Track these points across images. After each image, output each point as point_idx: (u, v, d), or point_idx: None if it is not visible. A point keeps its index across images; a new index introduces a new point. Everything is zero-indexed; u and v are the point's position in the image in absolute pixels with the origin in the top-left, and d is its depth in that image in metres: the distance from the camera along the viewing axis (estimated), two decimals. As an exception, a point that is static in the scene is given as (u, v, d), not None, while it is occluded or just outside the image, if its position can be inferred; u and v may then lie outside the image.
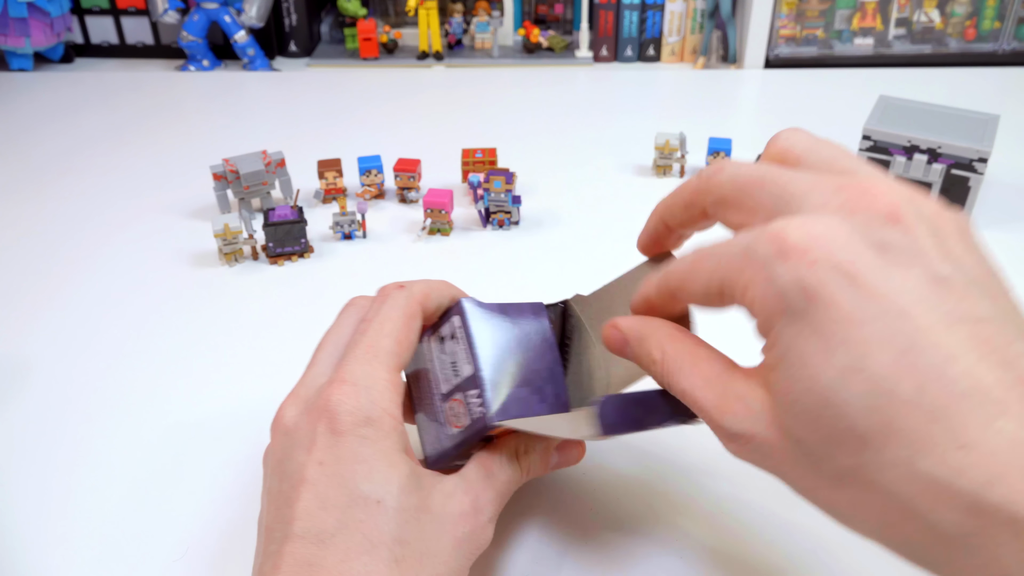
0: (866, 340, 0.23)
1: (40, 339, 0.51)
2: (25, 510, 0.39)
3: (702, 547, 0.37)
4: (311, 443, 0.30)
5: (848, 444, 0.23)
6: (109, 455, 0.42)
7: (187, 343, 0.51)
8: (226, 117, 0.83)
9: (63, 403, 0.46)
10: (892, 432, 0.22)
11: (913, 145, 0.61)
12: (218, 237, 0.57)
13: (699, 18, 0.95)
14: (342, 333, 0.34)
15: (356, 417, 0.30)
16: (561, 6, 1.01)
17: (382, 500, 0.29)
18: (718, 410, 0.27)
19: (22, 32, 0.89)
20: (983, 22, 0.91)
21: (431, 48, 0.96)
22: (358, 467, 0.29)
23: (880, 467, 0.23)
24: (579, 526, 0.38)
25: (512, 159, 0.71)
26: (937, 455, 0.22)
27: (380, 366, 0.31)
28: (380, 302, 0.34)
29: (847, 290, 0.23)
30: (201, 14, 0.91)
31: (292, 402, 0.32)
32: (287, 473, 0.30)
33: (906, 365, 0.22)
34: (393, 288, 0.34)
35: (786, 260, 0.24)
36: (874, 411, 0.22)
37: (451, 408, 0.33)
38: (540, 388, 0.33)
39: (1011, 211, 0.64)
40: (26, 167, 0.73)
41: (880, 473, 0.23)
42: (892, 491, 0.23)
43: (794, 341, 0.24)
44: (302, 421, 0.31)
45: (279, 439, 0.31)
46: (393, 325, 0.32)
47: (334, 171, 0.65)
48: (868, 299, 0.23)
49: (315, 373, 0.33)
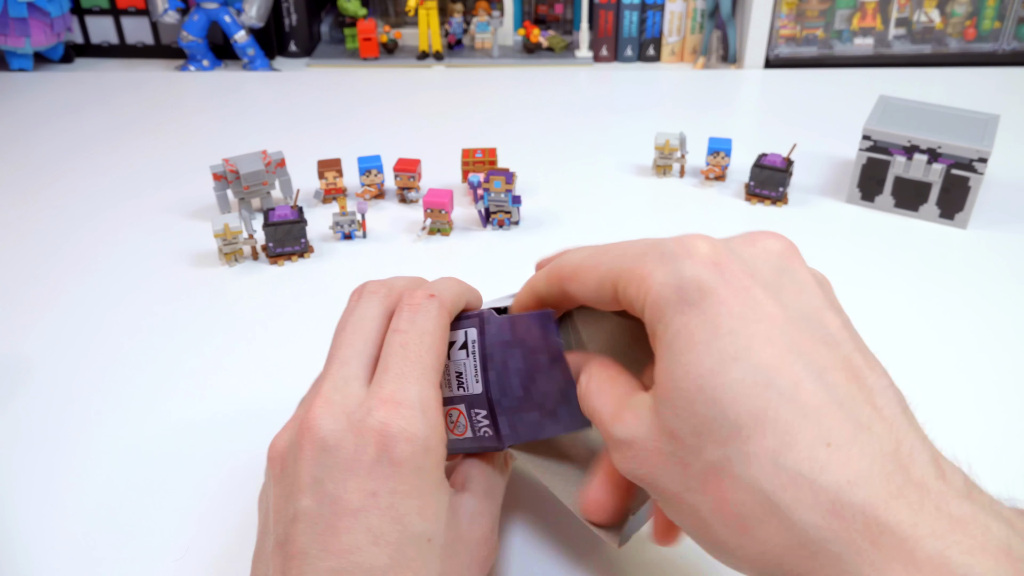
0: (752, 334, 0.24)
1: (40, 339, 0.51)
2: (25, 510, 0.39)
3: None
4: (360, 468, 0.27)
5: (719, 432, 0.24)
6: (109, 455, 0.42)
7: (187, 343, 0.51)
8: (226, 117, 0.83)
9: (63, 403, 0.46)
10: (763, 422, 0.23)
11: (913, 145, 0.61)
12: (218, 237, 0.57)
13: (699, 18, 0.95)
14: (366, 328, 0.31)
15: (416, 446, 0.28)
16: (561, 6, 1.01)
17: (432, 538, 0.28)
18: (611, 419, 0.28)
19: (22, 32, 0.89)
20: (983, 22, 0.91)
21: (431, 48, 0.96)
22: (412, 502, 0.28)
23: (747, 458, 0.23)
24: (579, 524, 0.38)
25: (512, 159, 0.71)
26: (803, 450, 0.22)
27: (430, 384, 0.30)
28: (412, 311, 0.31)
29: (742, 293, 0.25)
30: (201, 14, 0.91)
31: (328, 411, 0.29)
32: (328, 496, 0.27)
33: (786, 362, 0.23)
34: (423, 296, 0.32)
35: (691, 259, 0.25)
36: (748, 398, 0.23)
37: (450, 415, 0.33)
38: (553, 410, 0.31)
39: (1011, 211, 0.64)
40: (26, 167, 0.73)
41: (746, 465, 0.23)
42: (756, 485, 0.23)
43: (683, 329, 0.25)
44: (348, 440, 0.28)
45: (312, 452, 0.28)
46: (432, 339, 0.31)
47: (334, 171, 0.65)
48: (759, 303, 0.24)
49: (346, 376, 0.30)
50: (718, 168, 0.68)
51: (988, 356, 0.49)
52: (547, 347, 0.31)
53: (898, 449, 0.23)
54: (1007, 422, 0.44)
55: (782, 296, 0.25)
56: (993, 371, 0.48)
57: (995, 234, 0.61)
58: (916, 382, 0.47)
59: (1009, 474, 0.40)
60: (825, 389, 0.23)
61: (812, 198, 0.67)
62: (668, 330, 0.25)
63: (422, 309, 0.31)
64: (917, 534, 0.21)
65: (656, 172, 0.70)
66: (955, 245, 0.60)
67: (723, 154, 0.68)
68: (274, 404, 0.33)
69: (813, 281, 0.27)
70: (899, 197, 0.64)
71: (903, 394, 0.25)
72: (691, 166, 0.71)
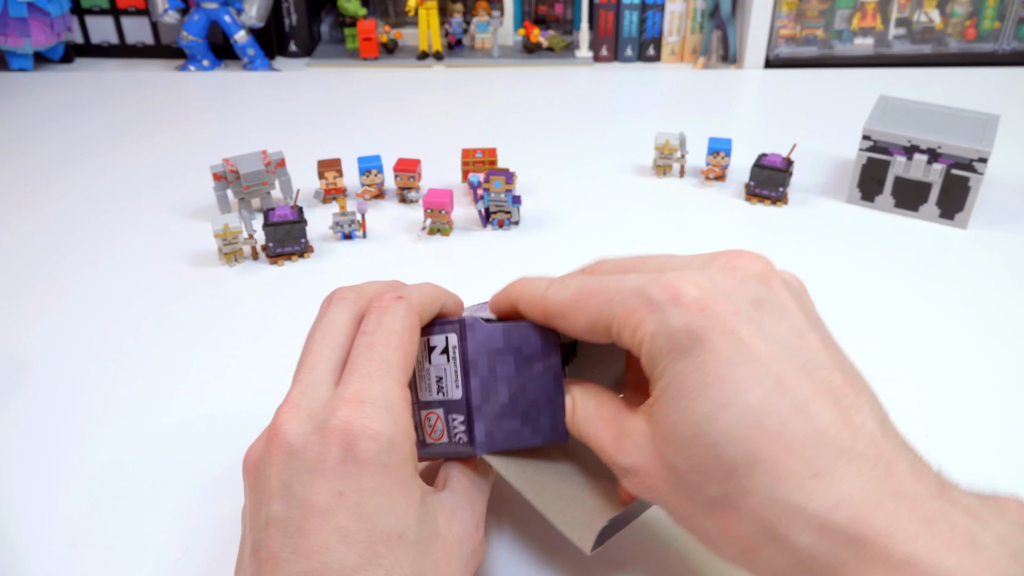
0: (740, 379, 0.26)
1: (40, 339, 0.51)
2: (25, 509, 0.39)
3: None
4: (326, 469, 0.28)
5: (717, 472, 0.26)
6: (109, 455, 0.42)
7: (187, 343, 0.51)
8: (226, 117, 0.83)
9: (63, 403, 0.46)
10: (756, 462, 0.25)
11: (913, 145, 0.61)
12: (218, 237, 0.57)
13: (699, 18, 0.95)
14: (335, 333, 0.32)
15: (380, 444, 0.28)
16: (561, 6, 1.01)
17: (403, 535, 0.28)
18: (613, 448, 0.29)
19: (22, 32, 0.89)
20: (983, 22, 0.91)
21: (431, 48, 0.96)
22: (380, 499, 0.28)
23: (744, 494, 0.26)
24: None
25: (512, 159, 0.71)
26: (793, 482, 0.25)
27: (395, 384, 0.29)
28: (380, 313, 0.31)
29: (728, 336, 0.26)
30: (201, 14, 0.91)
31: (294, 415, 0.29)
32: (296, 499, 0.28)
33: (772, 402, 0.25)
34: (391, 299, 0.32)
35: (678, 306, 0.27)
36: (741, 441, 0.25)
37: (428, 419, 0.32)
38: (535, 419, 0.31)
39: (1011, 211, 0.64)
40: (26, 167, 0.73)
41: (744, 500, 0.26)
42: (755, 516, 0.26)
43: (676, 377, 0.27)
44: (313, 442, 0.28)
45: (280, 458, 0.28)
46: (399, 339, 0.31)
47: (334, 171, 0.65)
48: (745, 345, 0.26)
49: (314, 380, 0.30)
50: (718, 168, 0.68)
51: (988, 356, 0.49)
52: (545, 355, 0.32)
53: (876, 463, 0.25)
54: (1007, 422, 0.44)
55: (765, 328, 0.27)
56: (993, 371, 0.48)
57: (995, 234, 0.61)
58: (916, 382, 0.47)
59: (1009, 473, 0.40)
60: (808, 421, 0.25)
61: (812, 198, 0.67)
62: (663, 377, 0.27)
63: (389, 311, 0.31)
64: (893, 540, 0.24)
65: (656, 172, 0.70)
66: (955, 245, 0.60)
67: (723, 154, 0.68)
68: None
69: (792, 302, 0.28)
70: (899, 197, 0.64)
71: (880, 404, 0.28)
72: (691, 166, 0.71)
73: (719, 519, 0.27)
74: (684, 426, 0.26)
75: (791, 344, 0.27)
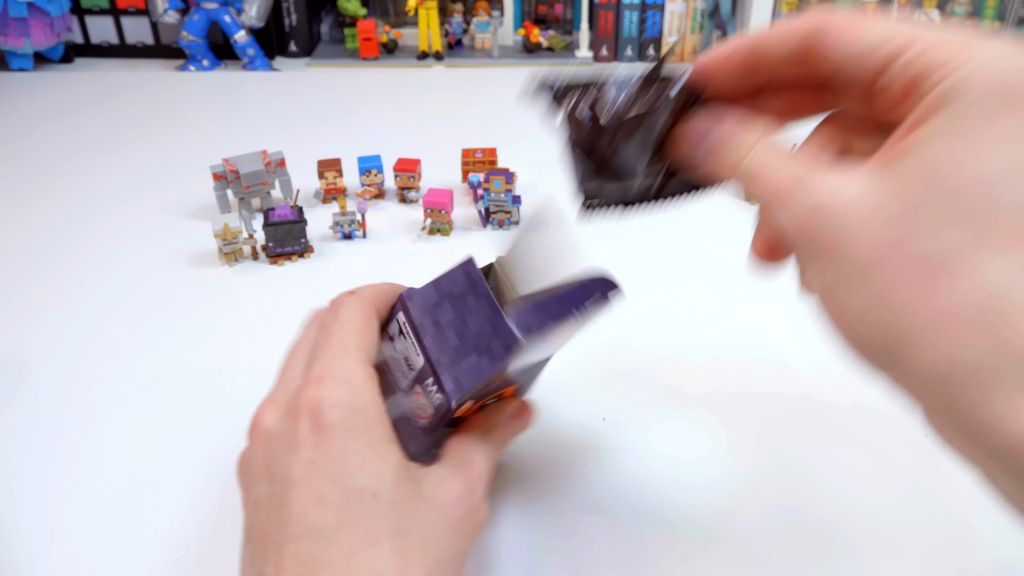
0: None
1: (40, 339, 0.51)
2: (25, 509, 0.39)
3: (701, 546, 0.37)
4: (297, 442, 0.29)
5: (974, 218, 0.21)
6: (109, 454, 0.42)
7: (187, 343, 0.51)
8: (226, 117, 0.83)
9: (63, 403, 0.46)
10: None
11: (913, 145, 0.61)
12: (218, 237, 0.57)
13: (699, 18, 0.95)
14: (307, 343, 0.34)
15: (341, 410, 0.30)
16: (561, 6, 1.01)
17: (378, 493, 0.29)
18: (809, 173, 0.24)
19: (22, 32, 0.89)
20: (983, 22, 0.91)
21: (431, 48, 0.96)
22: (349, 460, 0.29)
23: (990, 258, 0.20)
24: (579, 521, 0.38)
25: (512, 159, 0.71)
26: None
27: (353, 359, 0.31)
28: (335, 309, 0.34)
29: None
30: (201, 14, 0.91)
31: (269, 407, 0.32)
32: (276, 476, 0.29)
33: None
34: (345, 296, 0.35)
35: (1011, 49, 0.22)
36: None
37: (414, 401, 0.33)
38: (488, 347, 0.32)
39: (1011, 211, 0.64)
40: (26, 167, 0.73)
41: (984, 264, 0.21)
42: (986, 287, 0.20)
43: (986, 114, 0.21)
44: (285, 423, 0.30)
45: (260, 444, 0.31)
46: (354, 325, 0.33)
47: (334, 171, 0.65)
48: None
49: (288, 378, 0.33)
50: (718, 168, 0.68)
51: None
52: (472, 287, 0.33)
53: None
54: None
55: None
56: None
57: (995, 234, 0.61)
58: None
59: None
60: None
61: (812, 198, 0.66)
62: (969, 108, 0.21)
63: (343, 305, 0.34)
64: None
65: (656, 172, 0.70)
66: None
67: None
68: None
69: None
70: (899, 197, 0.63)
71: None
72: (691, 166, 0.71)
73: (925, 276, 0.21)
74: (965, 158, 0.21)
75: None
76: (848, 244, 0.23)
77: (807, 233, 0.24)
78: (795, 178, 0.24)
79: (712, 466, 0.41)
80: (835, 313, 0.24)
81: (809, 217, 0.24)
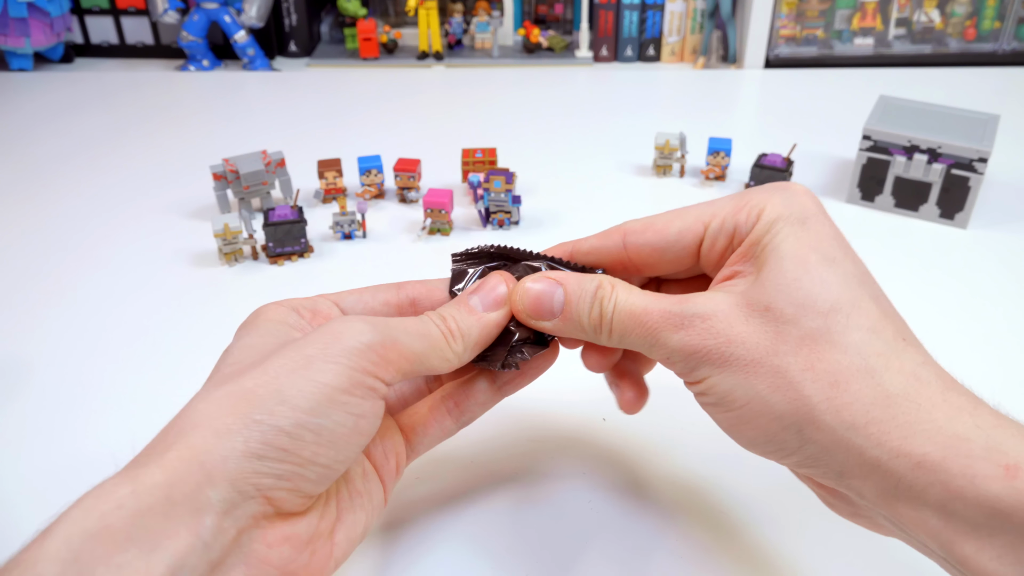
0: (844, 249, 0.30)
1: (41, 339, 0.51)
2: (26, 509, 0.39)
3: (700, 545, 0.37)
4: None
5: (820, 307, 0.28)
6: (110, 454, 0.42)
7: (187, 343, 0.51)
8: (226, 117, 0.83)
9: (64, 403, 0.46)
10: (859, 307, 0.28)
11: (913, 145, 0.61)
12: (218, 237, 0.57)
13: (699, 18, 0.95)
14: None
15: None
16: (561, 6, 1.01)
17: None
18: (679, 301, 0.30)
19: (22, 32, 0.89)
20: (983, 22, 0.91)
21: (431, 48, 0.96)
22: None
23: (847, 329, 0.28)
24: (579, 521, 0.38)
25: (512, 159, 0.71)
26: (889, 337, 0.28)
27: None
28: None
29: (831, 223, 0.31)
30: (201, 14, 0.91)
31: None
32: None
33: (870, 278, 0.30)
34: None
35: (800, 195, 0.31)
36: (846, 289, 0.29)
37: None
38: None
39: (1011, 211, 0.64)
40: (26, 167, 0.73)
41: (845, 334, 0.28)
42: (856, 350, 0.27)
43: (793, 234, 0.30)
44: None
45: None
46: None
47: (334, 171, 0.65)
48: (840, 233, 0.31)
49: None
50: (718, 168, 0.68)
51: (987, 356, 0.49)
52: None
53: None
54: (1007, 422, 0.44)
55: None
56: (992, 371, 0.48)
57: (995, 234, 0.61)
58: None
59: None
60: (889, 304, 0.30)
61: (812, 198, 0.66)
62: (779, 234, 0.30)
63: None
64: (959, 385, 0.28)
65: (656, 172, 0.70)
66: (955, 245, 0.60)
67: (723, 154, 0.68)
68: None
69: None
70: (899, 197, 0.64)
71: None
72: (691, 166, 0.71)
73: (808, 352, 0.28)
74: (794, 264, 0.29)
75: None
76: (730, 348, 0.29)
77: (695, 355, 0.29)
78: (667, 310, 0.30)
79: (713, 466, 0.41)
80: (744, 403, 0.29)
81: (689, 334, 0.29)
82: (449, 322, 0.32)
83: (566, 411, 0.44)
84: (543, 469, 0.41)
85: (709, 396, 0.30)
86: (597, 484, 0.40)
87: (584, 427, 0.43)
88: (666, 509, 0.39)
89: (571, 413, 0.44)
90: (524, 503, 0.39)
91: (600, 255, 0.35)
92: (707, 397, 0.30)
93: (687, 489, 0.40)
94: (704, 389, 0.30)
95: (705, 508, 0.39)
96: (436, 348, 0.31)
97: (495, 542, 0.37)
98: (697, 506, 0.39)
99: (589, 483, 0.40)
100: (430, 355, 0.31)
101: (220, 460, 0.26)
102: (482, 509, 0.39)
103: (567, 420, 0.44)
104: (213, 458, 0.26)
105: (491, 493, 0.39)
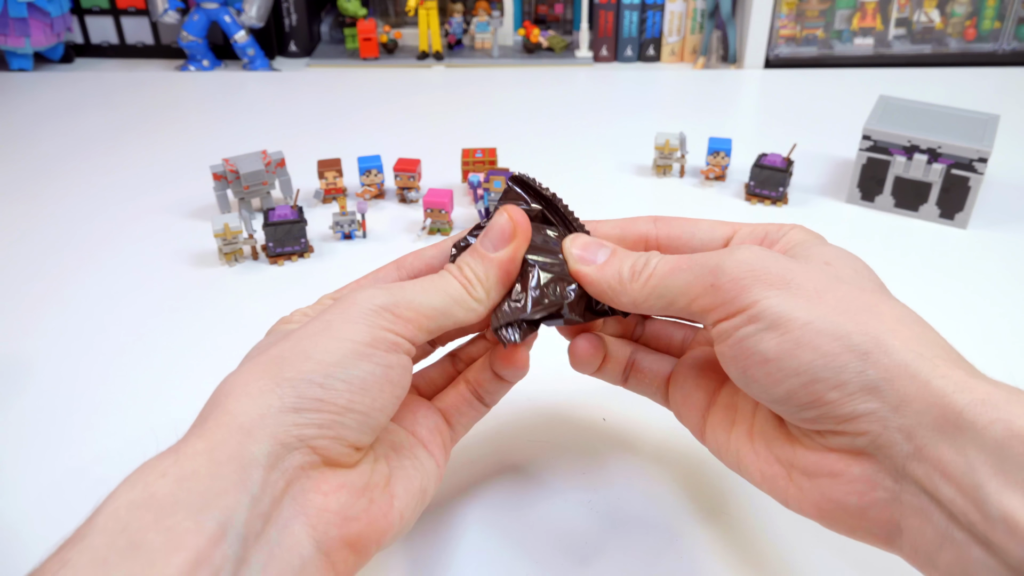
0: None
1: (41, 339, 0.51)
2: (26, 509, 0.39)
3: (700, 545, 0.37)
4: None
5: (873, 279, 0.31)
6: (110, 454, 0.42)
7: (187, 343, 0.51)
8: (226, 117, 0.83)
9: (64, 403, 0.46)
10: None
11: (913, 145, 0.61)
12: (218, 237, 0.57)
13: (699, 18, 0.95)
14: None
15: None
16: (561, 6, 1.01)
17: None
18: (722, 248, 0.32)
19: (22, 32, 0.89)
20: (983, 22, 0.91)
21: (431, 48, 0.96)
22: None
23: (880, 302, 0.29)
24: (579, 521, 0.38)
25: (512, 159, 0.71)
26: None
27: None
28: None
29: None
30: (201, 14, 0.91)
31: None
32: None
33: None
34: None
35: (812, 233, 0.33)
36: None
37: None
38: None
39: (1011, 211, 0.64)
40: (26, 167, 0.73)
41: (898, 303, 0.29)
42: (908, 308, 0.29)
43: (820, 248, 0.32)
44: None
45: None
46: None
47: (334, 171, 0.65)
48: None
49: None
50: (718, 168, 0.68)
51: (987, 356, 0.49)
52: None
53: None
54: (1007, 422, 0.44)
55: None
56: (992, 371, 0.48)
57: (995, 234, 0.61)
58: (916, 382, 0.47)
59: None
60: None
61: (812, 198, 0.67)
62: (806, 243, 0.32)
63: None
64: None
65: (656, 172, 0.70)
66: (955, 245, 0.60)
67: (723, 154, 0.68)
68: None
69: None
70: (899, 197, 0.64)
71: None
72: (691, 166, 0.71)
73: (870, 297, 0.29)
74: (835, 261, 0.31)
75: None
76: (801, 275, 0.28)
77: (752, 274, 0.28)
78: (714, 254, 0.30)
79: (714, 466, 0.41)
80: (806, 321, 0.27)
81: (755, 260, 0.29)
82: (465, 271, 0.32)
83: (566, 411, 0.44)
84: (543, 469, 0.41)
85: (760, 321, 0.28)
86: (597, 484, 0.40)
87: (584, 427, 0.43)
88: (666, 509, 0.39)
89: (571, 413, 0.44)
90: (524, 503, 0.39)
91: (625, 229, 0.37)
92: (756, 324, 0.28)
93: (687, 489, 0.40)
94: (756, 313, 0.28)
95: (705, 508, 0.39)
96: (457, 300, 0.32)
97: (495, 542, 0.37)
98: (697, 506, 0.39)
99: (589, 483, 0.40)
100: (452, 308, 0.31)
101: (258, 418, 0.26)
102: (482, 509, 0.39)
103: (567, 420, 0.44)
104: (251, 418, 0.26)
105: (491, 492, 0.39)
